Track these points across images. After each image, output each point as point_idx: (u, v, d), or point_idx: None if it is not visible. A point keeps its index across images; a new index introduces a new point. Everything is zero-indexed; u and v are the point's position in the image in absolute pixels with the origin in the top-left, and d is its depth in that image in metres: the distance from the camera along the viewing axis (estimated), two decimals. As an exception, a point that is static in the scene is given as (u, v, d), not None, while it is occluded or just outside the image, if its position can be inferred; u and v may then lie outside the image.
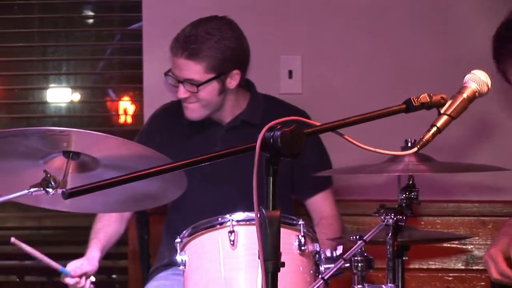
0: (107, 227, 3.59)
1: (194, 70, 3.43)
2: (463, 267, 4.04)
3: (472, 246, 3.96)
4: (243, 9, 3.75)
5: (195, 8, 3.85)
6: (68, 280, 3.33)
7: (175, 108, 3.62)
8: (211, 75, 3.43)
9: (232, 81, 3.49)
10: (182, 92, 3.46)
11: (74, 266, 3.35)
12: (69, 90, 4.58)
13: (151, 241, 3.89)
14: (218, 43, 3.43)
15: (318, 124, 2.17)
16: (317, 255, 2.88)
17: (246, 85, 3.60)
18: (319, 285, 2.77)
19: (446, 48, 4.00)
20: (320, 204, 3.63)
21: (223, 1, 3.98)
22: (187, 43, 3.43)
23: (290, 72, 4.10)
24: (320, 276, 2.81)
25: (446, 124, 2.16)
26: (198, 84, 3.43)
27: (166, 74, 3.51)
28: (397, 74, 4.03)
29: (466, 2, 4.04)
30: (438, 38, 4.05)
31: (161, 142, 3.50)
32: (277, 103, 3.67)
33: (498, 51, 2.86)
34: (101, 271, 3.47)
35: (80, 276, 3.34)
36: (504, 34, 2.86)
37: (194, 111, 3.51)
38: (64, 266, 3.36)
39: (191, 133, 3.56)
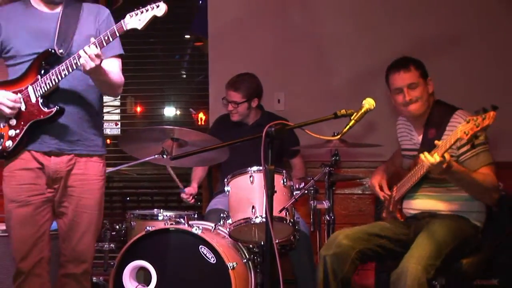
0: (199, 172, 3.63)
1: (236, 97, 3.43)
2: (361, 192, 3.99)
3: (365, 182, 3.90)
4: (257, 67, 3.71)
5: (231, 65, 3.80)
6: (183, 196, 3.43)
7: (226, 116, 3.58)
8: (244, 100, 3.43)
9: (254, 103, 3.47)
10: (230, 107, 3.46)
11: (187, 190, 3.45)
12: (174, 108, 4.55)
13: (213, 179, 3.85)
14: (248, 84, 3.44)
15: (293, 124, 2.16)
16: (292, 187, 2.85)
17: (259, 106, 3.57)
18: (293, 202, 2.78)
19: (356, 84, 3.92)
20: (296, 162, 3.62)
21: (246, 64, 3.89)
22: (234, 83, 3.45)
23: (279, 100, 4.04)
24: (293, 197, 2.79)
25: (353, 125, 2.13)
26: (238, 103, 3.42)
27: (222, 98, 3.50)
28: (331, 98, 3.94)
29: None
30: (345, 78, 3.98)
31: (220, 132, 3.43)
32: (273, 115, 3.60)
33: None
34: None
35: (189, 195, 3.44)
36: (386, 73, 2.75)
37: (235, 117, 3.49)
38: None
39: (234, 128, 3.51)
